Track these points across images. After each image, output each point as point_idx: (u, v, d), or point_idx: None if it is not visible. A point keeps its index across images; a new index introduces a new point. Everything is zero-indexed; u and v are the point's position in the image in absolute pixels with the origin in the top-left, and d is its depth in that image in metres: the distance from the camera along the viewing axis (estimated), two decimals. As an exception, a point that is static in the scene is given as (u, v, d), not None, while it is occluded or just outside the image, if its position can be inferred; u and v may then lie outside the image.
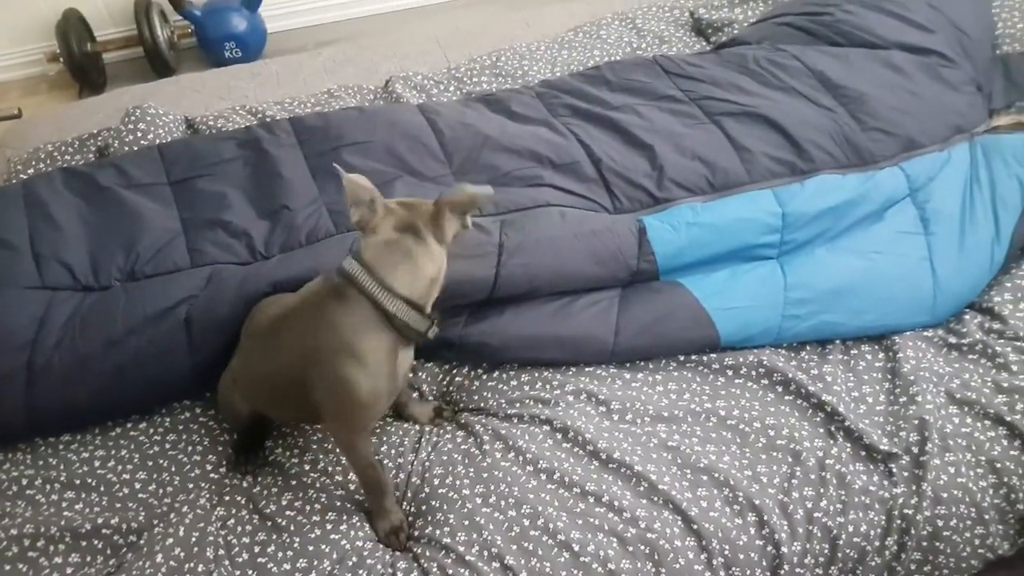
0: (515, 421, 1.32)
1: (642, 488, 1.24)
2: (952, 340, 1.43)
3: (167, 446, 1.32)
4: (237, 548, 1.19)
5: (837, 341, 1.44)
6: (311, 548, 1.19)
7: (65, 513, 1.25)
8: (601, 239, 1.40)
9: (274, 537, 1.20)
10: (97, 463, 1.31)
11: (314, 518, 1.23)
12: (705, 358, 1.41)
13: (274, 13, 2.79)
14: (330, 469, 1.29)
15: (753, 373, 1.38)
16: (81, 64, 2.62)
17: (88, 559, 1.20)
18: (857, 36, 1.76)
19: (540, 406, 1.33)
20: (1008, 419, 1.29)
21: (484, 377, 1.40)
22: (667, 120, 1.60)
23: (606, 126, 1.62)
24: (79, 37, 2.61)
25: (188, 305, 1.32)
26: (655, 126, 1.59)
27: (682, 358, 1.41)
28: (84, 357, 1.29)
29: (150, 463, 1.30)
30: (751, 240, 1.45)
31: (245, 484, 1.28)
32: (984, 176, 1.54)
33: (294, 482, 1.28)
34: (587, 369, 1.39)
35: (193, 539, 1.20)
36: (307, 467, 1.30)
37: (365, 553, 1.19)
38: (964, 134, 1.61)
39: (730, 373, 1.39)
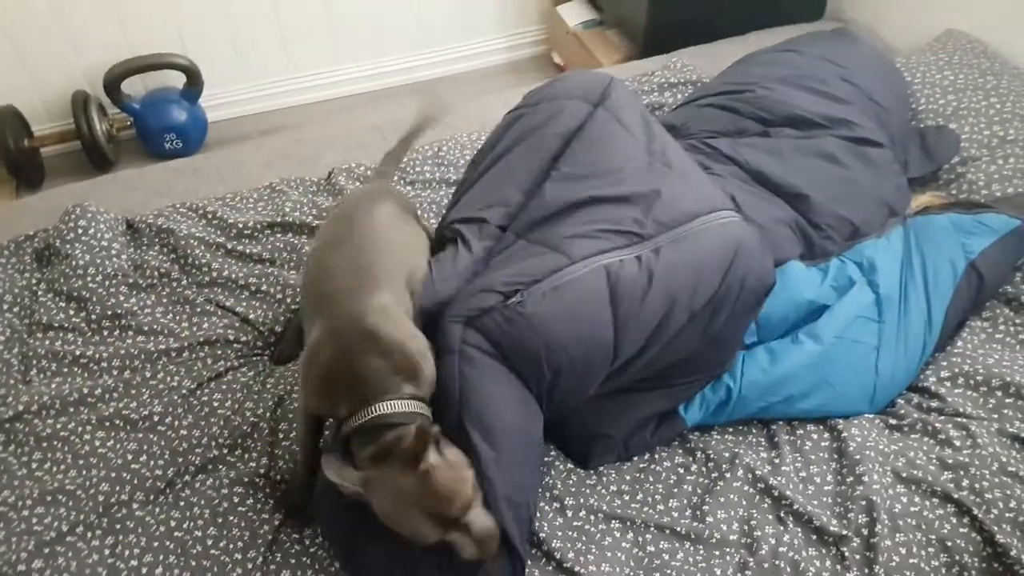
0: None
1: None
2: (892, 421, 1.45)
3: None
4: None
5: (781, 421, 1.45)
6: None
7: None
8: None
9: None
10: None
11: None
12: (656, 455, 1.41)
13: (214, 103, 2.79)
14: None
15: (703, 469, 1.39)
16: (18, 160, 2.57)
17: None
18: (780, 110, 1.79)
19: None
20: (955, 496, 1.31)
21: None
22: None
23: None
24: (16, 133, 2.57)
25: None
26: None
27: (635, 460, 1.41)
28: None
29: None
30: None
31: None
32: (916, 261, 1.55)
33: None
34: (545, 459, 1.38)
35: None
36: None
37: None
38: (897, 217, 1.65)
39: (681, 471, 1.39)
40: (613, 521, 1.30)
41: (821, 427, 1.44)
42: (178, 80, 2.67)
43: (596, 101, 1.46)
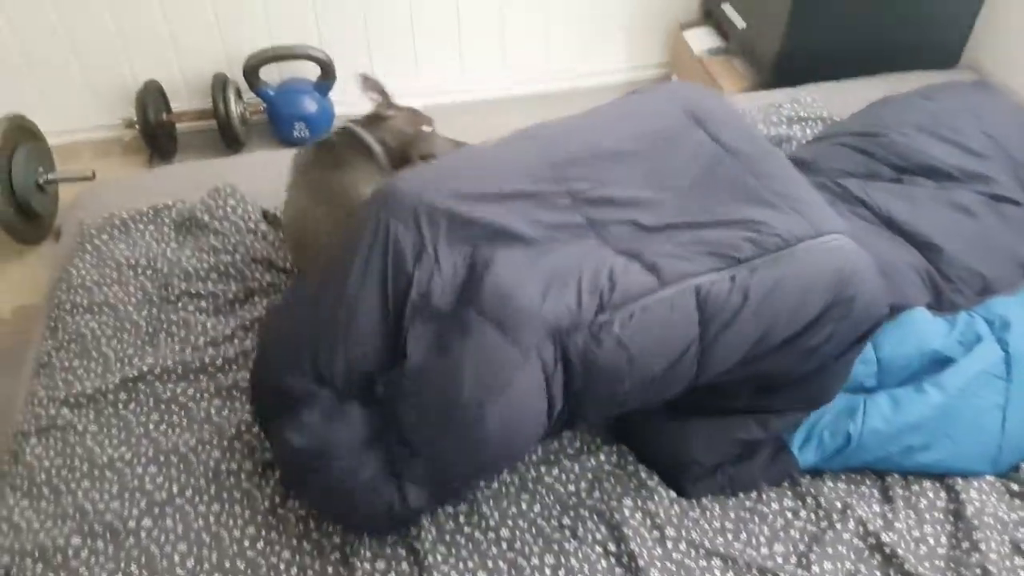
0: (567, 533, 1.29)
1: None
2: (1014, 487, 1.38)
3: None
4: None
5: (896, 475, 1.40)
6: None
7: None
8: None
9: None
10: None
11: None
12: (764, 496, 1.37)
13: (342, 98, 2.88)
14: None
15: (813, 516, 1.34)
16: (155, 132, 2.71)
17: None
18: (915, 158, 1.74)
19: (596, 518, 1.31)
20: (1078, 577, 1.23)
21: (543, 469, 1.38)
22: None
23: None
24: (156, 107, 2.71)
25: None
26: None
27: (741, 497, 1.38)
28: None
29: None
30: (849, 389, 1.42)
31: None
32: None
33: None
34: (649, 483, 1.36)
35: None
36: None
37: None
38: (1030, 275, 1.58)
39: (789, 515, 1.35)
40: (714, 558, 1.27)
41: (938, 485, 1.38)
42: (312, 72, 2.77)
43: (695, 116, 1.43)
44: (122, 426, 1.44)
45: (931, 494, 1.36)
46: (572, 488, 1.36)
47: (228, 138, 2.75)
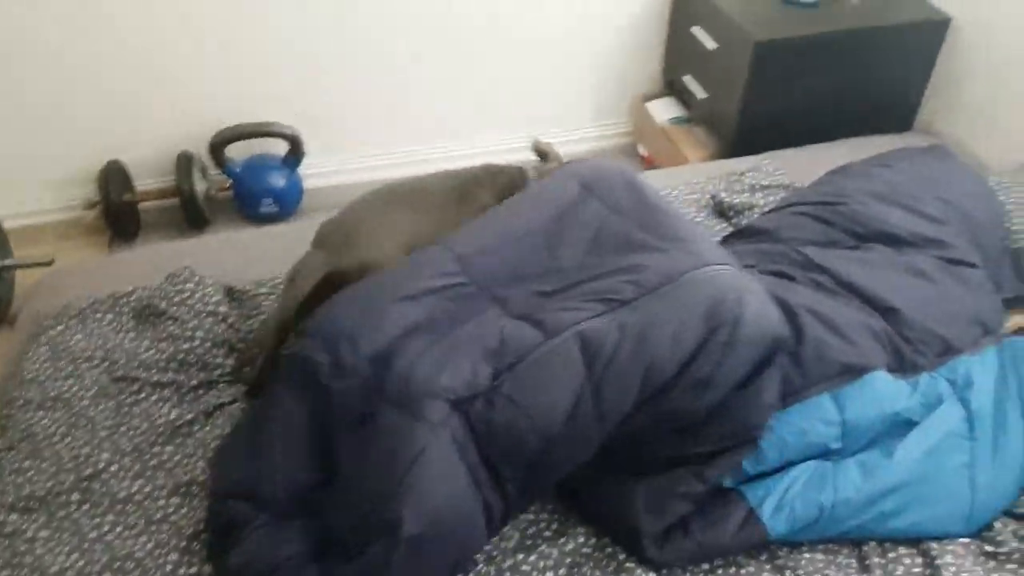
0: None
1: None
2: (988, 548, 1.37)
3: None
4: None
5: (873, 543, 1.39)
6: None
7: None
8: None
9: None
10: None
11: None
12: (743, 571, 1.34)
13: (312, 172, 2.88)
14: None
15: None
16: (117, 212, 2.67)
17: None
18: (874, 226, 1.78)
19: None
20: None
21: (520, 556, 1.33)
22: None
23: None
24: (119, 187, 2.67)
25: None
26: None
27: (720, 572, 1.34)
28: None
29: None
30: (816, 452, 1.41)
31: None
32: (1012, 381, 1.51)
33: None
34: (628, 565, 1.33)
35: None
36: None
37: None
38: (991, 336, 1.60)
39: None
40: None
41: (914, 551, 1.37)
42: (280, 147, 2.76)
43: (588, 187, 1.53)
44: (75, 530, 1.37)
45: (907, 560, 1.35)
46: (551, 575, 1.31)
47: (192, 216, 2.72)
